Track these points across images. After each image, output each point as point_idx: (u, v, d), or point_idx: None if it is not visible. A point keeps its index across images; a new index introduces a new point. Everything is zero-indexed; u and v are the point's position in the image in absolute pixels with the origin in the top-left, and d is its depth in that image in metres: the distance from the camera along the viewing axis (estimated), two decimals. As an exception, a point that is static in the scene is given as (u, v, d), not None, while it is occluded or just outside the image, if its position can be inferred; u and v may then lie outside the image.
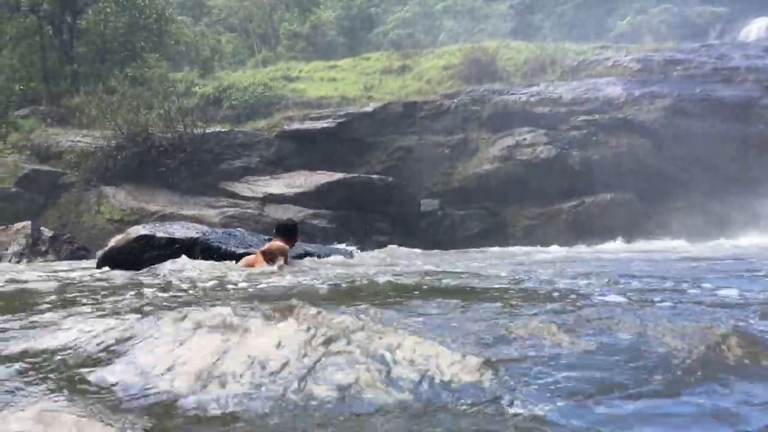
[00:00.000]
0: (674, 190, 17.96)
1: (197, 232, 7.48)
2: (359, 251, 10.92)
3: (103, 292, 4.43)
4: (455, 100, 20.19)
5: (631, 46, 24.06)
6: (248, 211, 17.62)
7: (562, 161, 18.42)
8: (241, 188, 18.60)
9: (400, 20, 34.86)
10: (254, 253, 6.58)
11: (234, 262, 6.73)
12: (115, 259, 7.12)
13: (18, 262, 10.63)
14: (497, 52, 23.87)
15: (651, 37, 27.02)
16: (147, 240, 7.21)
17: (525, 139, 18.90)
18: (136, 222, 16.28)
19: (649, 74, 20.30)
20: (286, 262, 6.27)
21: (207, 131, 19.34)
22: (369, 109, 20.10)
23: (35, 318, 3.13)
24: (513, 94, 20.13)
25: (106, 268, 7.11)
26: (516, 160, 18.61)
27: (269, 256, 6.25)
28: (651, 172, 18.33)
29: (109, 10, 24.97)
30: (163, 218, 16.31)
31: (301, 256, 7.34)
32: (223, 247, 7.24)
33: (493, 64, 22.84)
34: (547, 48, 24.12)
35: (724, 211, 17.19)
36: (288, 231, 6.81)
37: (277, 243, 6.53)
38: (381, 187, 18.09)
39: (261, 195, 18.19)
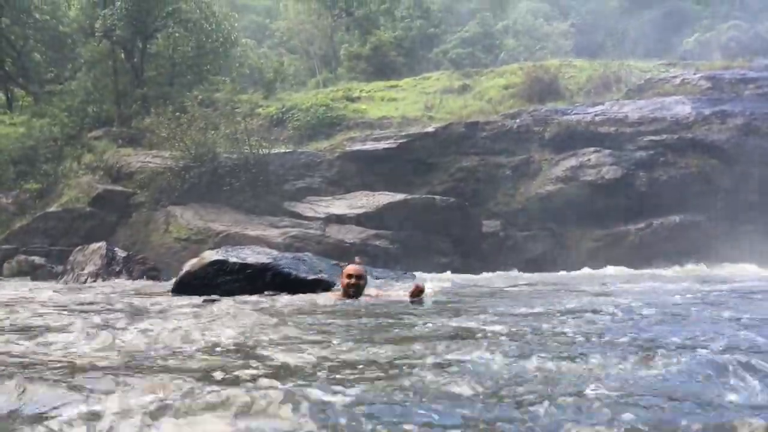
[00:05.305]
0: (746, 212, 17.33)
1: (268, 257, 7.59)
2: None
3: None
4: (517, 120, 20.00)
5: (699, 63, 23.40)
6: (310, 231, 17.76)
7: (628, 182, 18.02)
8: (304, 208, 18.79)
9: (460, 40, 34.84)
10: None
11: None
12: (190, 284, 7.29)
13: (94, 281, 11.00)
14: (559, 70, 23.58)
15: (719, 54, 26.24)
16: (220, 265, 7.36)
17: (589, 160, 18.57)
18: (202, 241, 16.68)
19: (720, 93, 19.69)
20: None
21: (271, 152, 19.68)
22: (430, 129, 20.09)
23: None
24: (576, 113, 19.82)
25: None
26: (580, 181, 18.29)
27: None
28: (721, 194, 17.75)
29: (177, 34, 25.76)
30: (228, 238, 16.61)
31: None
32: (293, 273, 7.33)
33: (556, 83, 22.55)
34: (611, 66, 23.65)
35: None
36: None
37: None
38: (442, 208, 18.03)
39: (323, 215, 18.33)
